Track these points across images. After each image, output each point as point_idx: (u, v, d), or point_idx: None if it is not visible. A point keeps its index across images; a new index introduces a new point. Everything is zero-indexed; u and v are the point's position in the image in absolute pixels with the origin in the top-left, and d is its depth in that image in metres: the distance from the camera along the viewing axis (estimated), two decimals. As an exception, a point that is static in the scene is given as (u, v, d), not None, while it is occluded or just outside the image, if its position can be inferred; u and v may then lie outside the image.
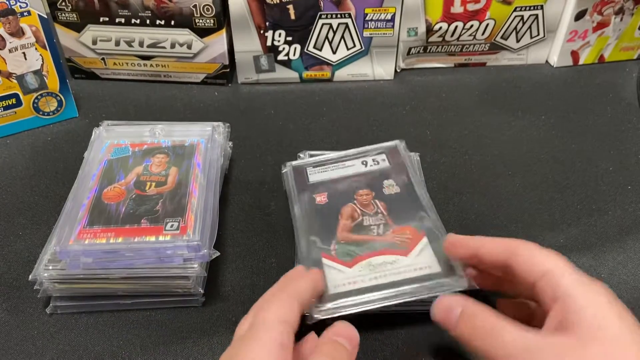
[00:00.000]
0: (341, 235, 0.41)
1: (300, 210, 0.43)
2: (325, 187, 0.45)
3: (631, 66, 0.68)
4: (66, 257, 0.38)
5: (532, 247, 0.32)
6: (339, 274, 0.38)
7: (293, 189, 0.45)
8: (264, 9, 0.59)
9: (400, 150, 0.48)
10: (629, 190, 0.51)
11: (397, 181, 0.45)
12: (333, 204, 0.44)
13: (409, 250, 0.39)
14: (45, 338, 0.39)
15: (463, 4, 0.62)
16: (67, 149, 0.55)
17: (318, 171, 0.47)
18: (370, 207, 0.43)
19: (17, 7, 0.51)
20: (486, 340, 0.30)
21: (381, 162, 0.47)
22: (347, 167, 0.47)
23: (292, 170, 0.47)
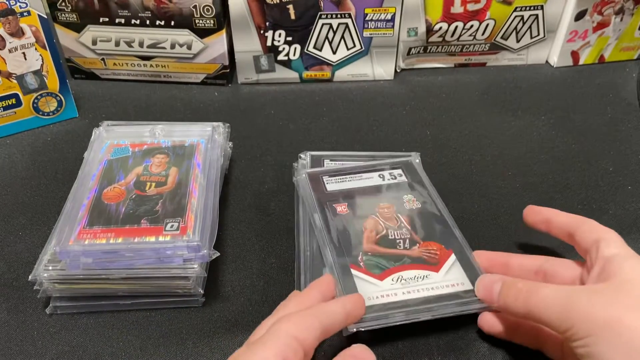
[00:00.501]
0: (368, 247, 0.40)
1: (321, 219, 0.42)
2: (345, 197, 0.45)
3: (631, 66, 0.68)
4: (66, 258, 0.38)
5: (596, 223, 0.36)
6: (370, 287, 0.37)
7: (311, 197, 0.44)
8: (264, 9, 0.59)
9: (416, 166, 0.48)
10: (629, 190, 0.51)
11: (416, 197, 0.45)
12: (355, 215, 0.43)
13: (439, 267, 0.39)
14: (45, 338, 0.39)
15: (463, 4, 0.62)
16: (67, 149, 0.55)
17: (335, 181, 0.46)
18: (393, 221, 0.43)
19: (17, 7, 0.51)
20: (528, 300, 0.32)
21: (398, 177, 0.47)
22: (365, 180, 0.46)
23: (307, 177, 0.46)
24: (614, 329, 0.28)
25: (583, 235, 0.36)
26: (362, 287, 0.37)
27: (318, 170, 0.47)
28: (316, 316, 0.32)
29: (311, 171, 0.47)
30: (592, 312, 0.29)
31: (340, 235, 0.41)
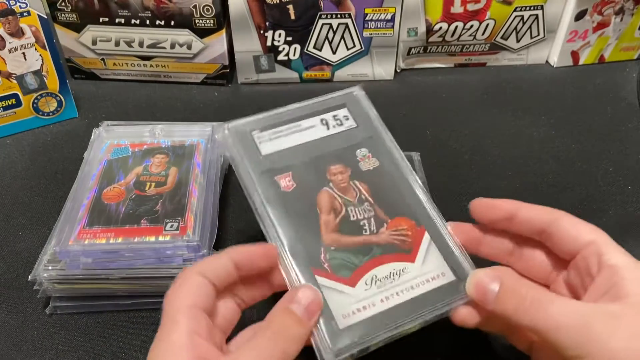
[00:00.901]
0: (328, 238, 0.33)
1: (265, 204, 0.34)
2: (286, 162, 0.35)
3: (631, 66, 0.68)
4: (66, 258, 0.38)
5: (574, 217, 0.32)
6: (342, 297, 0.31)
7: (246, 168, 0.35)
8: (263, 9, 0.59)
9: (362, 100, 0.39)
10: (630, 191, 0.51)
11: (372, 149, 0.37)
12: (303, 190, 0.34)
13: (414, 253, 0.33)
14: (45, 338, 0.39)
15: (463, 4, 0.62)
16: (67, 149, 0.55)
17: (269, 137, 0.36)
18: (350, 192, 0.35)
19: (17, 7, 0.51)
20: (534, 314, 0.28)
21: (344, 120, 0.38)
22: (305, 131, 0.37)
23: (234, 135, 0.36)
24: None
25: (566, 234, 0.32)
26: (333, 300, 0.31)
27: (244, 123, 0.37)
28: (195, 272, 0.29)
29: (235, 125, 0.36)
30: (612, 343, 0.26)
31: (293, 224, 0.33)
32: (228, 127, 0.36)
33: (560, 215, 0.32)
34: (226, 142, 0.36)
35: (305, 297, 0.30)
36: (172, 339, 0.27)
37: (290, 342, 0.28)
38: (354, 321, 0.30)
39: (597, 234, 0.31)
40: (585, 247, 0.31)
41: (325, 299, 0.31)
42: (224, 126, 0.36)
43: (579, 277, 0.31)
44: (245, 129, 0.37)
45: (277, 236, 0.33)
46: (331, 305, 0.31)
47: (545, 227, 0.33)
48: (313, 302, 0.30)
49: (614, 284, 0.29)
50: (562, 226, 0.32)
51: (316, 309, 0.30)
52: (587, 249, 0.31)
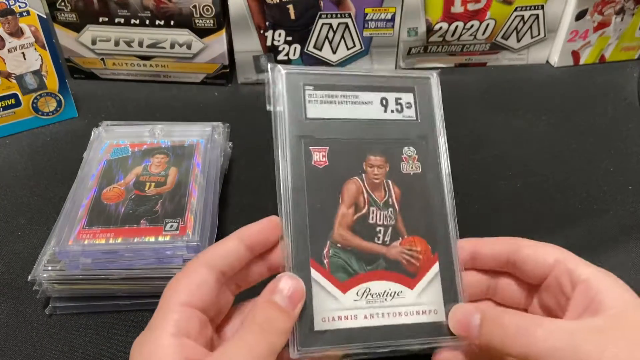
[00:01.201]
0: (339, 233, 0.31)
1: (287, 169, 0.31)
2: (328, 134, 0.32)
3: (632, 66, 0.68)
4: (65, 258, 0.38)
5: (532, 241, 0.32)
6: (328, 299, 0.30)
7: (284, 125, 0.32)
8: (263, 9, 0.59)
9: (433, 91, 0.35)
10: (630, 191, 0.51)
11: (420, 152, 0.33)
12: (334, 172, 0.32)
13: (416, 279, 0.31)
14: (45, 339, 0.38)
15: (463, 4, 0.62)
16: (67, 149, 0.55)
17: (320, 99, 0.33)
18: (380, 192, 0.32)
19: (16, 7, 0.51)
20: (522, 341, 0.28)
21: (406, 108, 0.34)
22: (360, 105, 0.33)
23: (286, 82, 0.32)
24: None
25: (531, 259, 0.31)
26: (318, 298, 0.30)
27: (301, 72, 0.33)
28: (204, 264, 0.29)
29: (291, 71, 0.33)
30: None
31: (309, 205, 0.31)
32: (284, 71, 0.32)
33: (519, 244, 0.32)
34: (275, 87, 0.32)
35: (287, 286, 0.29)
36: (159, 340, 0.26)
37: (276, 334, 0.28)
38: (331, 327, 0.29)
39: (560, 252, 0.31)
40: (553, 268, 0.31)
41: (312, 295, 0.30)
42: (279, 68, 0.32)
43: (553, 298, 0.31)
44: (299, 80, 0.32)
45: (289, 212, 0.30)
46: (315, 303, 0.30)
47: (509, 257, 0.32)
48: (296, 291, 0.29)
49: (592, 298, 0.29)
50: (524, 253, 0.32)
51: (299, 297, 0.29)
52: (556, 269, 0.31)
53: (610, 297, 0.28)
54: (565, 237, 0.46)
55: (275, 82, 0.32)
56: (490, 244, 0.33)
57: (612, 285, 0.29)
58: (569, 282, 0.30)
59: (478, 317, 0.29)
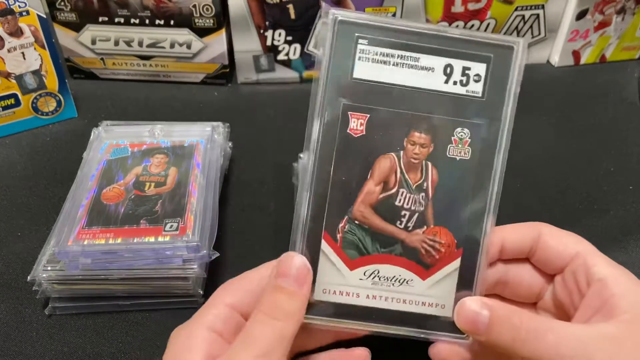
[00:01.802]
0: (359, 209, 0.29)
1: (318, 132, 0.29)
2: (372, 100, 0.29)
3: (633, 66, 0.68)
4: (65, 258, 0.38)
5: (555, 229, 0.31)
6: (334, 273, 0.29)
7: (324, 81, 0.28)
8: (263, 8, 0.59)
9: (514, 64, 0.30)
10: (631, 191, 0.51)
11: (474, 135, 0.29)
12: (369, 143, 0.29)
13: (431, 272, 0.30)
14: (44, 339, 0.38)
15: (464, 4, 0.62)
16: (66, 149, 0.55)
17: (373, 57, 0.28)
18: (416, 173, 0.29)
19: (16, 6, 0.51)
20: (532, 344, 0.27)
21: (473, 81, 0.29)
22: (419, 71, 0.29)
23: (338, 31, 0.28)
24: None
25: (552, 249, 0.31)
26: (324, 270, 0.29)
27: (357, 21, 0.28)
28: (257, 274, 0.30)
29: (346, 18, 0.28)
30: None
31: (334, 174, 0.29)
32: (338, 17, 0.28)
33: (541, 230, 0.31)
34: (325, 34, 0.28)
35: (290, 266, 0.28)
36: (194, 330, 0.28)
37: (284, 318, 0.26)
38: (330, 300, 0.29)
39: (582, 245, 0.30)
40: (572, 261, 0.30)
41: (317, 266, 0.29)
42: (332, 12, 0.28)
43: (567, 293, 0.31)
44: (353, 31, 0.28)
45: (312, 178, 0.28)
46: (319, 274, 0.29)
47: (531, 246, 0.31)
48: (300, 268, 0.28)
49: (605, 301, 0.28)
50: (546, 242, 0.31)
51: (306, 273, 0.28)
52: (574, 262, 0.30)
53: (625, 300, 0.27)
54: (565, 237, 0.46)
55: (324, 29, 0.28)
56: (515, 232, 0.32)
57: (629, 288, 0.28)
58: (585, 278, 0.29)
59: (487, 314, 0.28)
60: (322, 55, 0.28)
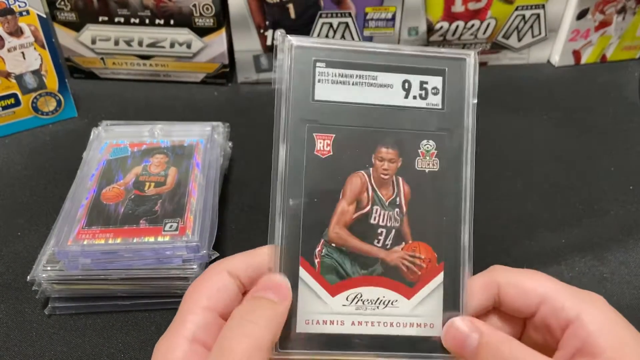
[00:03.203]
0: (335, 231, 0.28)
1: (286, 157, 0.28)
2: (336, 120, 0.29)
3: (633, 65, 0.68)
4: (65, 258, 0.38)
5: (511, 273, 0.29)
6: (315, 301, 0.28)
7: (287, 106, 0.29)
8: (263, 8, 0.59)
9: (468, 75, 0.30)
10: (631, 190, 0.51)
11: (440, 146, 0.29)
12: (338, 163, 0.29)
13: (415, 289, 0.29)
14: (44, 339, 0.38)
15: (464, 3, 0.62)
16: (66, 149, 0.55)
17: (332, 79, 0.29)
18: (387, 189, 0.29)
19: (16, 6, 0.51)
20: None
21: (432, 94, 0.30)
22: (378, 89, 0.29)
23: (295, 57, 0.29)
24: None
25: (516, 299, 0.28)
26: (304, 299, 0.28)
27: (313, 46, 0.29)
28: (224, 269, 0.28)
29: (302, 44, 0.29)
30: None
31: (306, 197, 0.28)
32: (294, 42, 0.28)
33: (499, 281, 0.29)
34: (282, 61, 0.28)
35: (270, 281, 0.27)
36: (174, 342, 0.26)
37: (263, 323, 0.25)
38: (314, 331, 0.28)
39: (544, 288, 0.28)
40: (540, 307, 0.28)
41: (297, 295, 0.28)
42: (289, 38, 0.28)
43: (541, 336, 0.29)
44: (310, 55, 0.29)
45: (282, 204, 0.28)
46: (300, 304, 0.28)
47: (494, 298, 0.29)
48: (281, 284, 0.27)
49: (583, 341, 0.26)
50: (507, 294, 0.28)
51: (287, 289, 0.27)
52: (541, 310, 0.28)
53: (603, 338, 0.26)
54: (565, 237, 0.46)
55: (282, 55, 0.29)
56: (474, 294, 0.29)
57: (605, 324, 0.26)
58: (557, 323, 0.27)
59: (475, 339, 0.27)
60: (282, 81, 0.28)
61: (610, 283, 0.42)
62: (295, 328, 0.28)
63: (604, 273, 0.43)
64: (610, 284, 0.42)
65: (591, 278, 0.43)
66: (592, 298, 0.27)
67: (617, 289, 0.42)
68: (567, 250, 0.45)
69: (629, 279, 0.43)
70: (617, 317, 0.27)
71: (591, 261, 0.44)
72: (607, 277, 0.43)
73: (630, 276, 0.43)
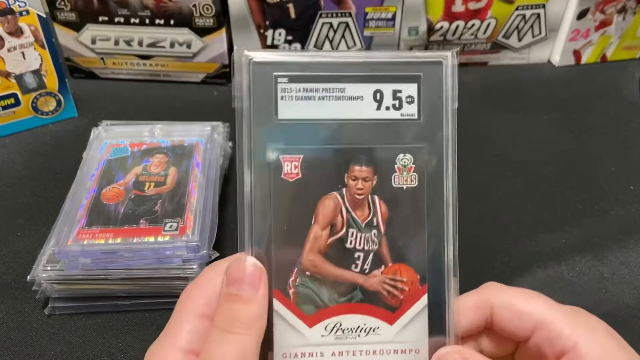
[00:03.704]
0: (308, 259, 0.27)
1: (249, 183, 0.26)
2: (302, 140, 0.27)
3: (634, 65, 0.68)
4: (65, 258, 0.38)
5: (509, 295, 0.27)
6: (291, 334, 0.26)
7: (248, 128, 0.26)
8: (263, 8, 0.59)
9: (446, 79, 0.28)
10: (631, 190, 0.51)
11: (418, 160, 0.27)
12: (308, 186, 0.27)
13: (397, 314, 0.27)
14: (44, 339, 0.38)
15: (464, 3, 0.62)
16: (66, 149, 0.55)
17: (296, 95, 0.27)
18: (363, 210, 0.27)
19: (16, 6, 0.51)
20: None
21: (406, 103, 0.27)
22: (347, 102, 0.27)
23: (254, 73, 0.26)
24: None
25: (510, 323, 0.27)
26: (280, 331, 0.26)
27: (273, 60, 0.27)
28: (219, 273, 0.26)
29: (261, 60, 0.26)
30: None
31: (275, 225, 0.26)
32: (251, 59, 0.26)
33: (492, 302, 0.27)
34: (240, 79, 0.26)
35: (240, 270, 0.25)
36: (167, 354, 0.25)
37: (245, 330, 0.24)
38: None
39: (540, 312, 0.26)
40: (534, 333, 0.26)
41: (272, 328, 0.26)
42: (245, 53, 0.26)
43: None
44: (270, 71, 0.26)
45: (251, 233, 0.26)
46: (276, 337, 0.26)
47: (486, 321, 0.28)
48: (253, 271, 0.25)
49: None
50: (501, 315, 0.27)
51: (259, 274, 0.25)
52: (536, 335, 0.26)
53: None
54: (565, 237, 0.46)
55: (239, 73, 0.26)
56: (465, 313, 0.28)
57: (603, 355, 0.25)
58: (551, 351, 0.26)
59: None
60: (242, 101, 0.26)
61: (610, 283, 0.42)
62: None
63: (604, 273, 0.43)
64: (610, 284, 0.42)
65: (591, 278, 0.43)
66: (591, 326, 0.26)
67: (617, 289, 0.42)
68: (567, 250, 0.45)
69: (629, 279, 0.43)
70: (616, 347, 0.25)
71: (591, 261, 0.44)
72: (607, 277, 0.43)
73: (630, 276, 0.43)
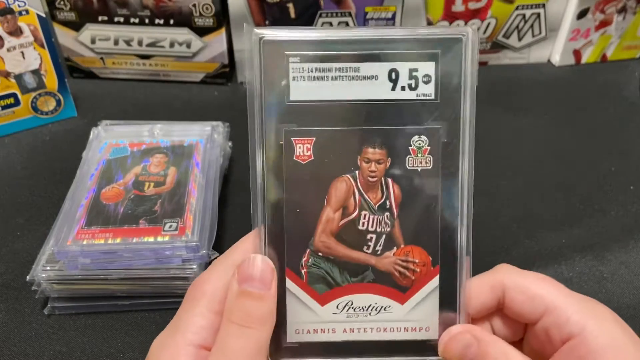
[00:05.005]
0: (321, 240, 0.27)
1: (262, 165, 0.26)
2: (315, 122, 0.26)
3: (634, 65, 0.68)
4: (64, 258, 0.38)
5: (522, 277, 0.27)
6: (304, 311, 0.27)
7: (260, 109, 0.26)
8: (263, 7, 0.59)
9: (466, 57, 0.26)
10: (632, 191, 0.51)
11: (433, 142, 0.27)
12: (320, 168, 0.27)
13: (409, 294, 0.28)
14: (43, 339, 0.38)
15: (464, 3, 0.62)
16: (66, 148, 0.55)
17: (309, 75, 0.26)
18: (376, 192, 0.27)
19: (15, 6, 0.51)
20: None
21: (423, 83, 0.26)
22: (361, 82, 0.26)
23: (265, 53, 0.26)
24: None
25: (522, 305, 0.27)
26: (293, 309, 0.27)
27: (284, 39, 0.26)
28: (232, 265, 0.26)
29: (272, 38, 0.26)
30: None
31: (288, 207, 0.27)
32: (262, 37, 0.25)
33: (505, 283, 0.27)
34: (251, 59, 0.25)
35: (253, 268, 0.26)
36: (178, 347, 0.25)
37: (259, 326, 0.25)
38: (304, 340, 0.27)
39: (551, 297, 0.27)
40: (543, 317, 0.27)
41: (285, 306, 0.27)
42: (256, 31, 0.25)
43: (539, 343, 0.28)
44: (282, 49, 0.25)
45: (264, 215, 0.26)
46: (289, 314, 0.27)
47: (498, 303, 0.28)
48: (265, 269, 0.26)
49: (584, 355, 0.25)
50: (515, 297, 0.27)
51: (271, 272, 0.26)
52: (545, 318, 0.27)
53: (605, 355, 0.25)
54: (566, 237, 0.46)
55: (251, 53, 0.25)
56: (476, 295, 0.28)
57: (609, 344, 0.25)
58: (558, 335, 0.26)
59: (474, 349, 0.26)
60: (253, 82, 0.26)
61: (610, 283, 0.42)
62: (286, 338, 0.27)
63: (604, 273, 0.43)
64: (610, 284, 0.42)
65: (591, 278, 0.43)
66: (600, 314, 0.26)
67: (617, 289, 0.42)
68: (567, 250, 0.45)
69: (629, 279, 0.43)
70: (624, 337, 0.25)
71: (591, 261, 0.44)
72: (607, 277, 0.43)
73: (630, 276, 0.43)
